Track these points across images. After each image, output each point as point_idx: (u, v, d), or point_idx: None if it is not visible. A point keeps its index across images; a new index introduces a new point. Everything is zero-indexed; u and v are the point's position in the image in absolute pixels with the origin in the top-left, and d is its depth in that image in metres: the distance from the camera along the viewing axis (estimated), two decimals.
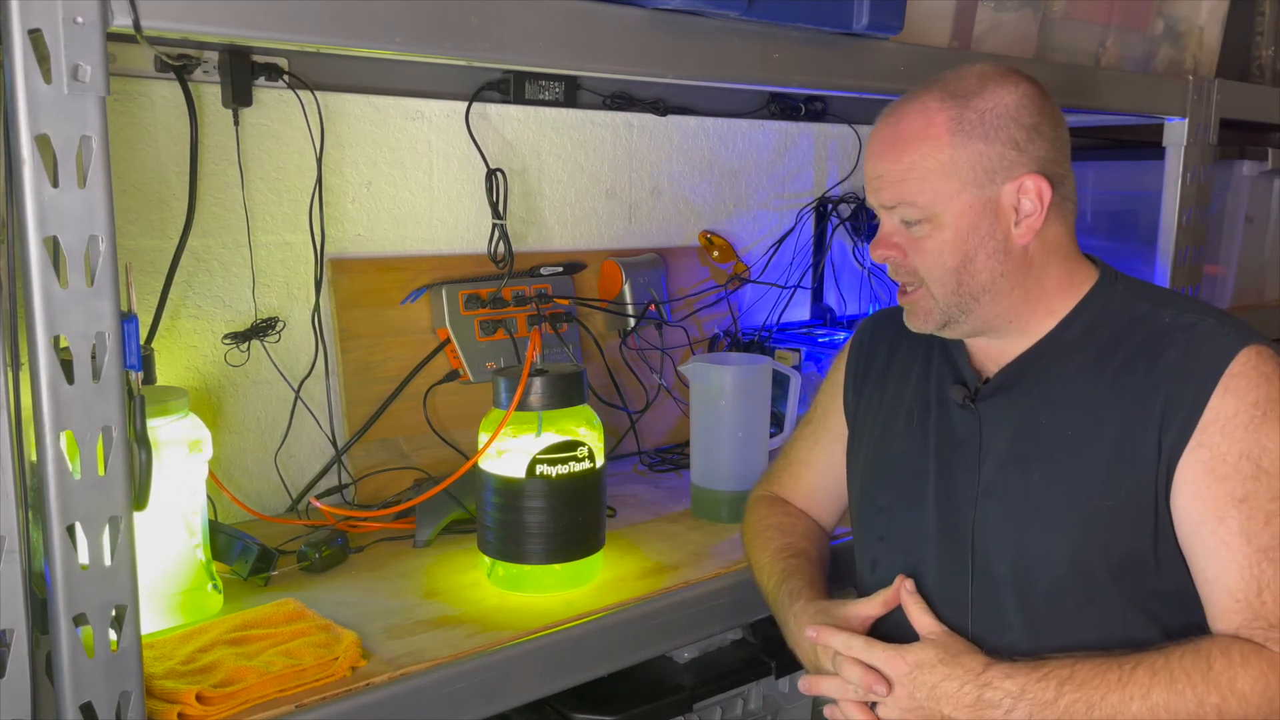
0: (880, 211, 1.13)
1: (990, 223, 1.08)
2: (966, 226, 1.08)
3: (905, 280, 1.14)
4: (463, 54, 1.00)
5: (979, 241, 1.08)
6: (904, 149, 1.08)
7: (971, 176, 1.07)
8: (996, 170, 1.07)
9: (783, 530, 1.29)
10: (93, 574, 0.83)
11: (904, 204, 1.09)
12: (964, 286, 1.10)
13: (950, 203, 1.07)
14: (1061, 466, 1.07)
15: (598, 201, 1.79)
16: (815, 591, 1.19)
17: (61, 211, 0.79)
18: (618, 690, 1.33)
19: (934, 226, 1.08)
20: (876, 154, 1.11)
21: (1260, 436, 1.01)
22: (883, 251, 1.13)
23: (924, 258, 1.10)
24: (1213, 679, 0.95)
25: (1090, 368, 1.09)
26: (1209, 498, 1.01)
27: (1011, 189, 1.08)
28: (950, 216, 1.08)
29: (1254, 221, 2.20)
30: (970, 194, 1.07)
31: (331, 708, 0.99)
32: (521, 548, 1.24)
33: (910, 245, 1.11)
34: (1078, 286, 1.14)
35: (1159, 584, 1.04)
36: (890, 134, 1.10)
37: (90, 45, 0.78)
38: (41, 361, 0.79)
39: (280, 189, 1.46)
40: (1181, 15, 1.93)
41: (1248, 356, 1.03)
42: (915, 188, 1.08)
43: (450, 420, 1.60)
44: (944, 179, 1.07)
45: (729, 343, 1.91)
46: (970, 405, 1.14)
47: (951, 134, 1.07)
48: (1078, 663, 0.99)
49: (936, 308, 1.12)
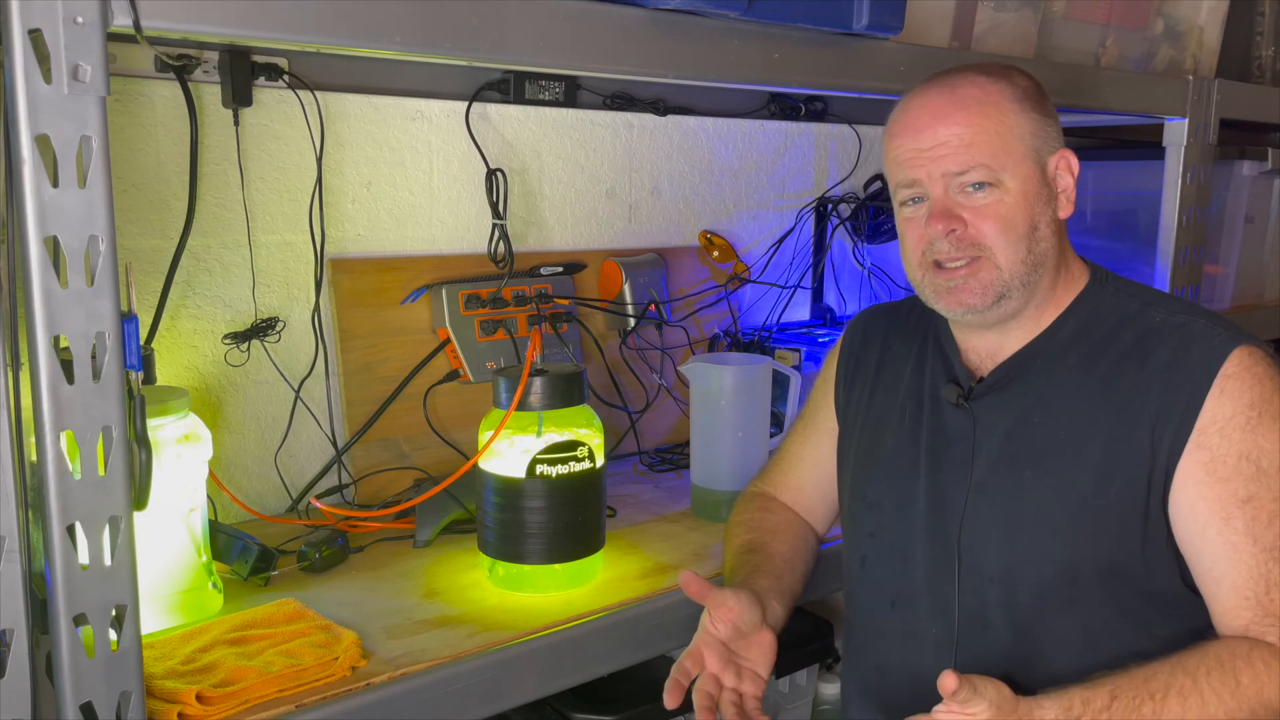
0: (933, 183, 1.09)
1: (1047, 192, 1.10)
2: (1032, 193, 1.09)
3: (966, 253, 1.09)
4: (463, 54, 1.00)
5: (1040, 209, 1.09)
6: (970, 113, 1.07)
7: (1031, 144, 1.09)
8: (1045, 141, 1.10)
9: (748, 526, 1.29)
10: (93, 574, 0.83)
11: (977, 167, 1.07)
12: (1032, 253, 1.09)
13: (1018, 168, 1.08)
14: (1053, 466, 1.07)
15: (598, 201, 1.79)
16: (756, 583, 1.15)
17: (61, 211, 0.79)
18: (618, 690, 1.33)
19: (1002, 191, 1.08)
20: (932, 122, 1.09)
21: (1258, 437, 1.01)
22: (945, 224, 1.08)
23: (994, 224, 1.07)
24: (1242, 693, 0.95)
25: (1082, 367, 1.10)
26: (1211, 499, 1.01)
27: (1053, 161, 1.10)
28: (1018, 182, 1.08)
29: (1254, 221, 2.20)
30: (1030, 162, 1.09)
31: (331, 708, 0.99)
32: (521, 548, 1.24)
33: (975, 214, 1.08)
34: (1072, 286, 1.14)
35: (1146, 585, 1.05)
36: (948, 101, 1.09)
37: (90, 45, 0.78)
38: (41, 361, 0.79)
39: (280, 189, 1.46)
40: (1181, 15, 1.93)
41: (1240, 357, 1.03)
42: (986, 151, 1.07)
43: (450, 420, 1.60)
44: (1011, 143, 1.08)
45: (729, 343, 1.91)
46: (963, 404, 1.14)
47: (1010, 100, 1.08)
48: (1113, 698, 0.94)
49: (1000, 278, 1.08)
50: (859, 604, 1.23)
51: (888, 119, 1.16)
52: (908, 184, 1.11)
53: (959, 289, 1.10)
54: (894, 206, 1.17)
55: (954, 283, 1.10)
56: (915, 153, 1.09)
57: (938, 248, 1.10)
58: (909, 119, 1.11)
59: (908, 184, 1.11)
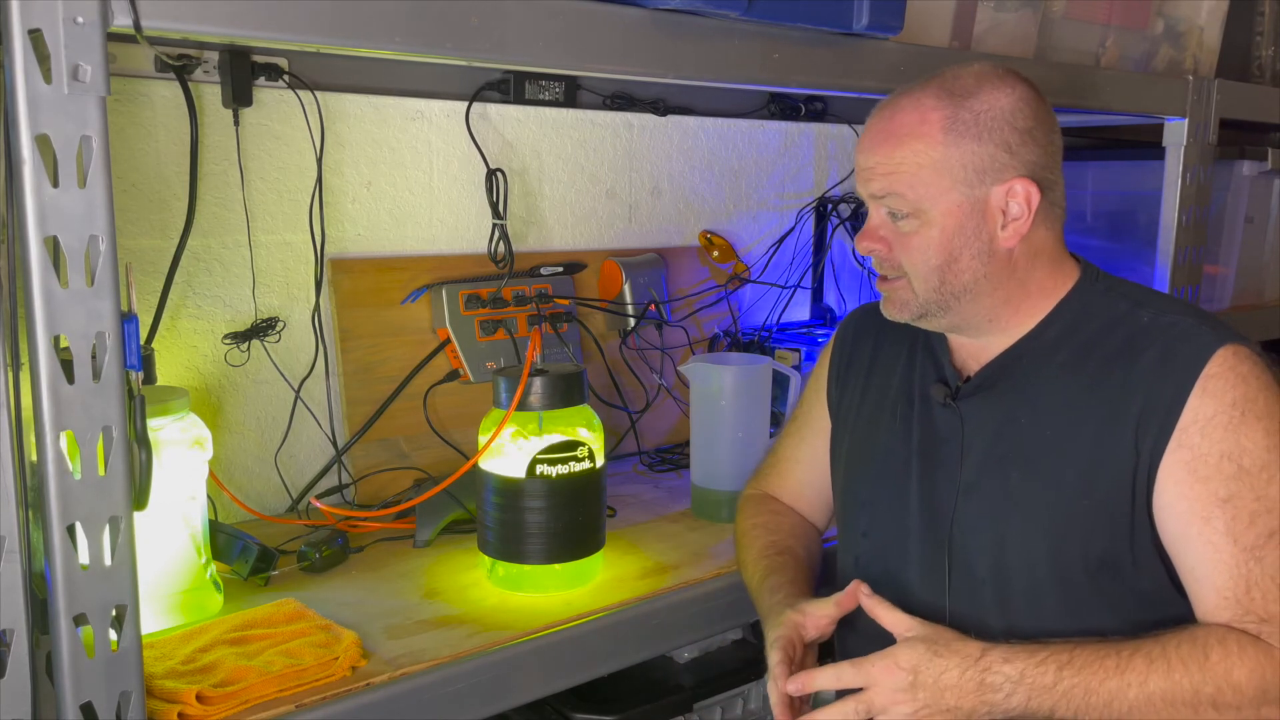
0: (869, 202, 1.13)
1: (977, 223, 1.08)
2: (953, 225, 1.08)
3: (888, 270, 1.14)
4: (463, 54, 1.00)
5: (964, 241, 1.09)
6: (896, 143, 1.08)
7: (962, 176, 1.07)
8: (987, 171, 1.07)
9: (769, 529, 1.29)
10: (93, 574, 0.83)
11: (893, 195, 1.09)
12: (946, 285, 1.10)
13: (939, 200, 1.08)
14: (1040, 466, 1.08)
15: (598, 201, 1.79)
16: (796, 589, 1.18)
17: (61, 211, 0.79)
18: (618, 690, 1.33)
19: (921, 223, 1.09)
20: (869, 146, 1.11)
21: (1239, 437, 1.01)
22: (868, 244, 1.13)
23: (909, 254, 1.10)
24: (1209, 669, 0.96)
25: (1069, 368, 1.10)
26: (1192, 498, 1.01)
27: (1000, 191, 1.08)
28: (938, 214, 1.08)
29: (1254, 221, 2.20)
30: (959, 193, 1.07)
31: (331, 708, 0.99)
32: (521, 548, 1.24)
33: (896, 239, 1.11)
34: (1059, 287, 1.14)
35: (1136, 583, 1.05)
36: (884, 128, 1.10)
37: (90, 45, 0.78)
38: (41, 361, 0.79)
39: (280, 189, 1.46)
40: (1181, 15, 1.93)
41: (1224, 357, 1.03)
42: (905, 182, 1.08)
43: (450, 420, 1.60)
44: (934, 176, 1.07)
45: (729, 343, 1.91)
46: (951, 404, 1.14)
47: (944, 132, 1.07)
48: (1076, 648, 0.99)
49: (915, 301, 1.12)
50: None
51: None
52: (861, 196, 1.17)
53: (886, 299, 1.16)
54: None
55: (884, 290, 1.16)
56: (859, 169, 1.13)
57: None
58: (863, 135, 1.14)
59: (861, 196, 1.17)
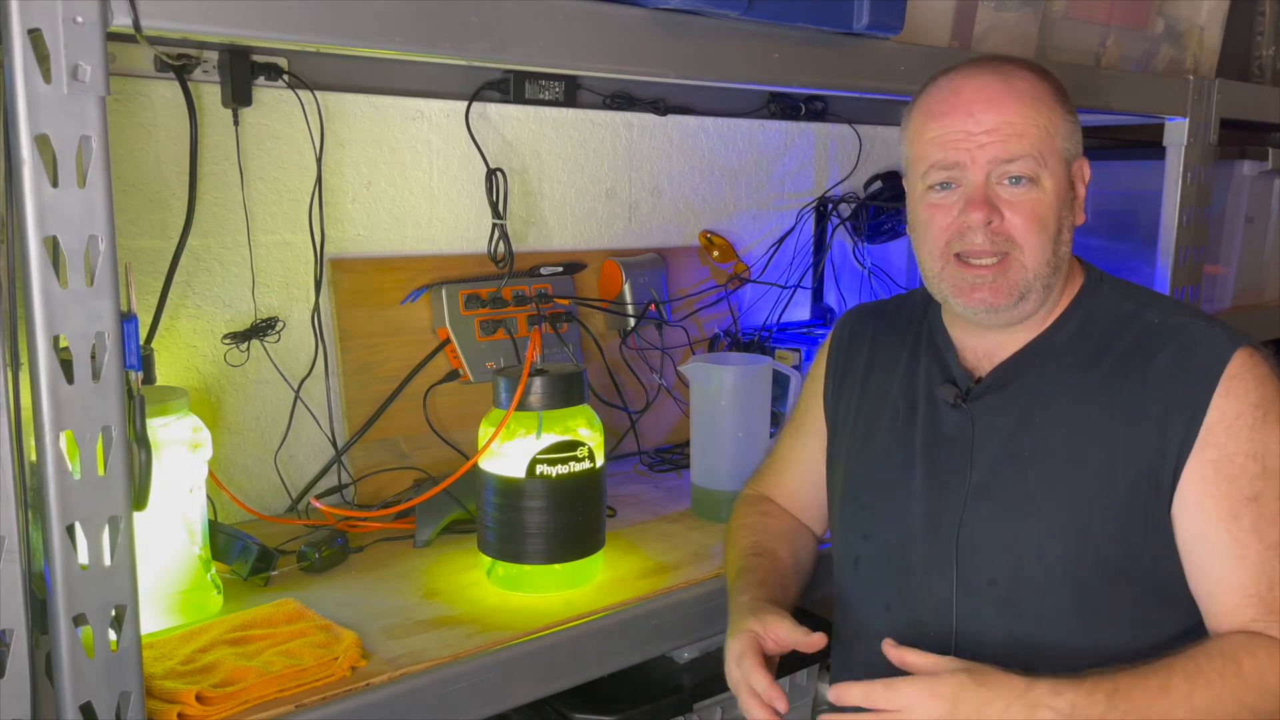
0: (976, 169, 1.06)
1: (1070, 195, 1.10)
2: (1059, 194, 1.08)
3: (998, 248, 1.06)
4: (463, 54, 1.00)
5: (1066, 211, 1.09)
6: (1025, 104, 1.06)
7: (1062, 145, 1.08)
8: (1074, 145, 1.09)
9: (753, 529, 1.28)
10: (92, 574, 0.83)
11: (1025, 158, 1.05)
12: (1056, 255, 1.08)
13: (1054, 167, 1.07)
14: (1058, 466, 1.07)
15: (598, 201, 1.79)
16: (764, 591, 1.14)
17: (61, 211, 0.79)
18: (618, 690, 1.33)
19: (1039, 189, 1.07)
20: (986, 106, 1.05)
21: (1264, 437, 1.02)
22: (984, 212, 1.05)
23: (1029, 220, 1.06)
24: (1245, 677, 0.96)
25: (1083, 367, 1.10)
26: (1219, 497, 1.01)
27: (1077, 167, 1.10)
28: (1052, 181, 1.07)
29: (1254, 221, 2.20)
30: (1062, 164, 1.08)
31: (331, 708, 0.99)
32: (521, 548, 1.24)
33: (1011, 208, 1.06)
34: (1071, 286, 1.14)
35: (1150, 584, 1.05)
36: (1003, 88, 1.06)
37: (90, 45, 0.78)
38: (41, 361, 0.79)
39: (280, 189, 1.46)
40: (1181, 15, 1.93)
41: (1242, 358, 1.04)
42: (1033, 144, 1.05)
43: (450, 420, 1.60)
44: (1052, 140, 1.07)
45: (729, 343, 1.91)
46: (962, 405, 1.14)
47: (1054, 98, 1.08)
48: (1117, 673, 0.95)
49: (1025, 278, 1.07)
50: (851, 605, 1.22)
51: (923, 97, 1.12)
52: (945, 166, 1.07)
53: (983, 287, 1.08)
54: (914, 191, 1.13)
55: (979, 279, 1.08)
56: (964, 135, 1.06)
57: (967, 240, 1.07)
58: (960, 100, 1.07)
59: (945, 166, 1.07)
